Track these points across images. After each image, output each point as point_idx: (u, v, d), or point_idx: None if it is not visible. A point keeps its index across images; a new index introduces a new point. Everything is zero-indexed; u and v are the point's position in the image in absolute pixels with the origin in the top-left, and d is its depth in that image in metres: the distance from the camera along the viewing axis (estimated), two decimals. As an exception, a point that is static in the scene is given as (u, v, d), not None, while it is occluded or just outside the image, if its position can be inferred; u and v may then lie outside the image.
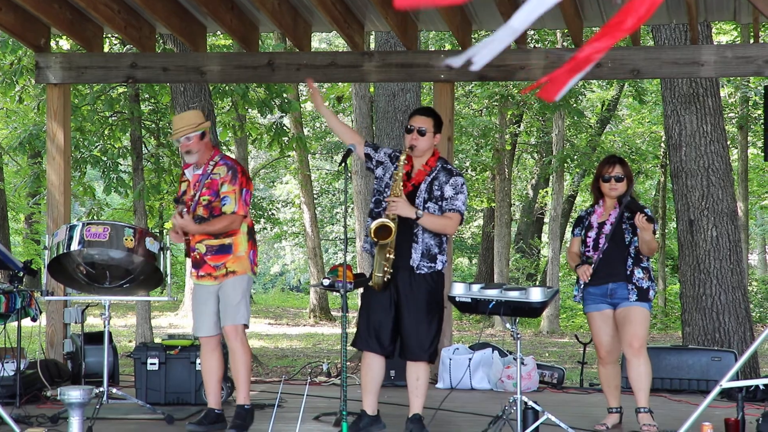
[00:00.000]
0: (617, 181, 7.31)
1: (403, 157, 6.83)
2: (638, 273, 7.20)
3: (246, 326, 7.23)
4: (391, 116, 13.43)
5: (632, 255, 7.23)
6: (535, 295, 6.61)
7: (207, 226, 7.11)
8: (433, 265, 6.82)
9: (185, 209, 7.06)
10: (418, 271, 6.78)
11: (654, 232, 7.16)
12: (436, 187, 6.82)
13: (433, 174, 6.87)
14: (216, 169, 7.19)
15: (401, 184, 6.79)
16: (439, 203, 6.80)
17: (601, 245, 7.25)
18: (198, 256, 7.18)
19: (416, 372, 6.87)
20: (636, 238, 7.22)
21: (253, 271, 7.26)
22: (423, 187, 6.84)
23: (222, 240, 7.12)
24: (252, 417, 7.23)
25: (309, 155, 26.83)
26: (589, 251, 7.32)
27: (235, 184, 7.12)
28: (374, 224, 6.66)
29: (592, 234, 7.33)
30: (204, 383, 7.44)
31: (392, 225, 6.64)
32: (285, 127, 16.36)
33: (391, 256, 6.72)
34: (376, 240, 6.67)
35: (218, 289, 7.18)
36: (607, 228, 7.26)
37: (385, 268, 6.73)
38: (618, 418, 7.43)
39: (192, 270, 7.30)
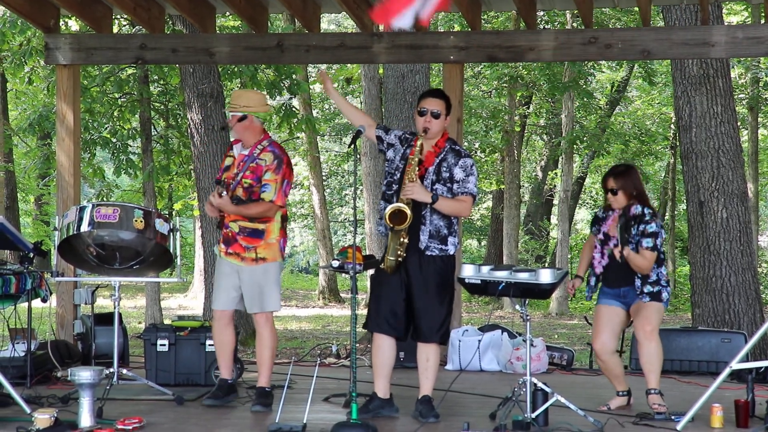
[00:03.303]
0: (613, 195, 7.33)
1: (420, 142, 6.81)
2: (647, 288, 7.27)
3: (275, 311, 7.48)
4: (400, 98, 13.40)
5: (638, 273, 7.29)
6: (545, 276, 6.61)
7: (243, 209, 7.24)
8: (444, 247, 6.82)
9: (224, 190, 7.16)
10: (428, 253, 6.79)
11: (655, 235, 7.15)
12: (445, 169, 6.81)
13: (442, 155, 6.86)
14: (262, 155, 7.30)
15: (416, 168, 6.77)
16: (448, 185, 6.79)
17: (604, 260, 7.37)
18: (230, 234, 7.34)
19: (426, 353, 6.88)
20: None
21: (282, 257, 7.42)
22: (431, 169, 6.83)
23: (256, 224, 7.27)
24: (272, 398, 7.33)
25: (318, 137, 26.81)
26: (603, 260, 7.37)
27: (278, 174, 7.24)
28: (389, 209, 6.66)
29: (604, 248, 7.39)
30: (217, 356, 7.61)
31: (408, 210, 6.63)
32: (294, 109, 16.34)
33: (405, 240, 6.72)
34: (391, 225, 6.66)
35: (242, 270, 7.32)
36: (612, 243, 7.32)
37: (399, 252, 6.73)
38: (626, 401, 7.45)
39: (221, 245, 7.39)
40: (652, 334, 7.19)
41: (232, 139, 7.57)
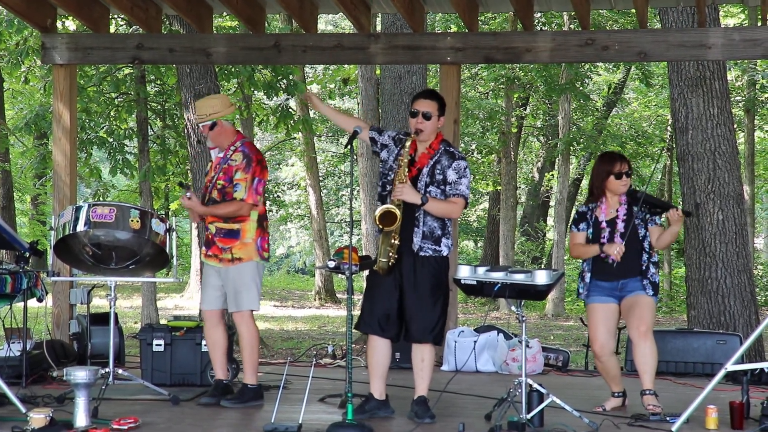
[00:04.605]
0: (628, 177, 7.29)
1: (408, 143, 6.82)
2: (652, 268, 7.25)
3: (254, 310, 7.49)
4: (397, 99, 13.41)
5: (646, 250, 7.24)
6: (541, 277, 6.61)
7: (214, 209, 7.39)
8: (437, 248, 6.81)
9: (188, 191, 7.30)
10: (421, 254, 6.79)
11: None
12: (438, 171, 6.81)
13: (436, 157, 6.86)
14: (233, 156, 7.45)
15: (406, 169, 6.78)
16: (441, 187, 6.79)
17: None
18: (209, 236, 7.48)
19: (421, 354, 6.88)
20: (648, 233, 7.23)
21: (261, 256, 7.45)
22: (425, 170, 6.83)
23: (231, 225, 7.37)
24: (256, 395, 7.42)
25: (315, 137, 26.82)
26: (604, 254, 7.27)
27: (247, 172, 7.34)
28: (379, 211, 6.68)
29: (605, 234, 7.29)
30: (210, 356, 7.75)
31: (397, 212, 6.64)
32: (291, 110, 16.34)
33: (396, 242, 6.72)
34: (381, 227, 6.68)
35: (221, 271, 7.44)
36: (620, 226, 7.23)
37: (390, 254, 6.73)
38: (621, 402, 7.45)
39: (203, 248, 7.60)
40: (647, 334, 7.18)
41: (209, 147, 7.68)
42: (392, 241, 6.72)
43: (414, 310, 6.80)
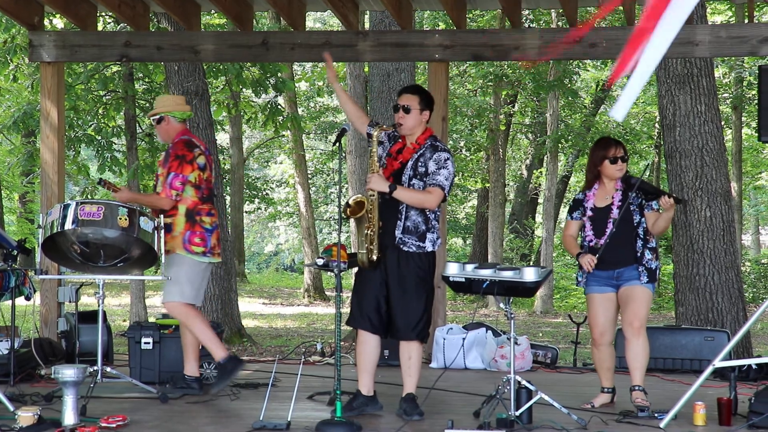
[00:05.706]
0: (623, 161, 7.30)
1: (375, 133, 6.83)
2: (648, 254, 7.22)
3: (187, 304, 7.60)
4: (385, 96, 13.41)
5: (641, 236, 7.23)
6: (529, 275, 6.61)
7: (138, 197, 8.03)
8: (422, 244, 6.80)
9: (105, 186, 7.63)
10: (405, 249, 6.77)
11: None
12: (421, 164, 6.81)
13: (420, 151, 6.87)
14: (164, 151, 7.74)
15: (376, 159, 6.79)
16: (425, 180, 6.80)
17: (608, 231, 7.22)
18: None
19: (408, 351, 6.88)
20: (644, 219, 7.24)
21: (188, 249, 7.57)
22: (409, 164, 6.84)
23: (166, 219, 7.56)
24: (233, 364, 7.52)
25: (303, 135, 26.81)
26: (591, 239, 7.29)
27: (164, 167, 7.62)
28: (350, 200, 6.72)
29: (594, 220, 7.30)
30: None
31: (364, 200, 6.66)
32: (279, 107, 16.32)
33: (369, 233, 6.71)
34: (347, 215, 6.71)
35: None
36: (615, 212, 7.24)
37: (366, 245, 6.73)
38: (610, 398, 7.45)
39: None
40: (640, 330, 7.17)
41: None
42: (366, 231, 6.71)
43: (398, 306, 6.80)
